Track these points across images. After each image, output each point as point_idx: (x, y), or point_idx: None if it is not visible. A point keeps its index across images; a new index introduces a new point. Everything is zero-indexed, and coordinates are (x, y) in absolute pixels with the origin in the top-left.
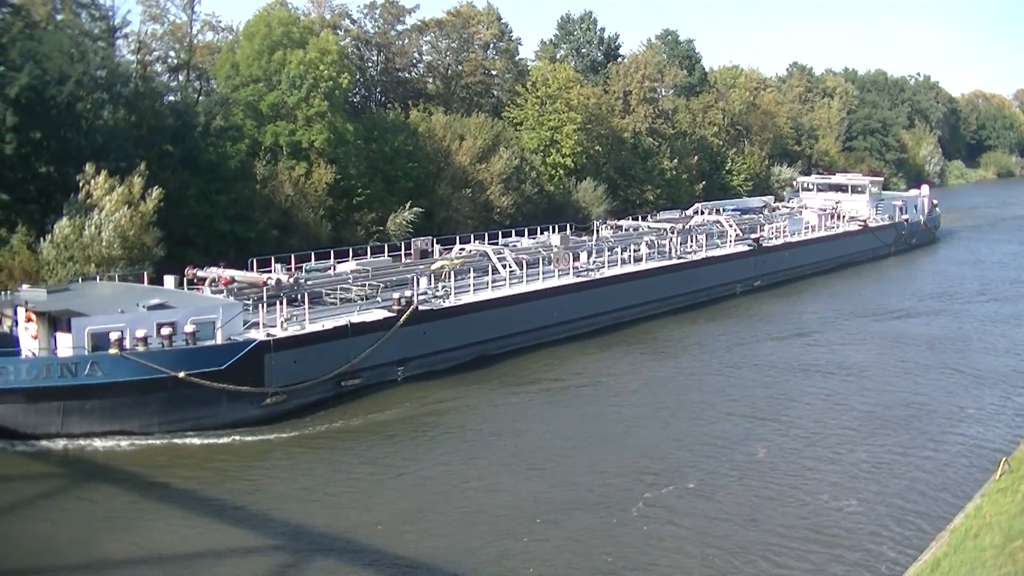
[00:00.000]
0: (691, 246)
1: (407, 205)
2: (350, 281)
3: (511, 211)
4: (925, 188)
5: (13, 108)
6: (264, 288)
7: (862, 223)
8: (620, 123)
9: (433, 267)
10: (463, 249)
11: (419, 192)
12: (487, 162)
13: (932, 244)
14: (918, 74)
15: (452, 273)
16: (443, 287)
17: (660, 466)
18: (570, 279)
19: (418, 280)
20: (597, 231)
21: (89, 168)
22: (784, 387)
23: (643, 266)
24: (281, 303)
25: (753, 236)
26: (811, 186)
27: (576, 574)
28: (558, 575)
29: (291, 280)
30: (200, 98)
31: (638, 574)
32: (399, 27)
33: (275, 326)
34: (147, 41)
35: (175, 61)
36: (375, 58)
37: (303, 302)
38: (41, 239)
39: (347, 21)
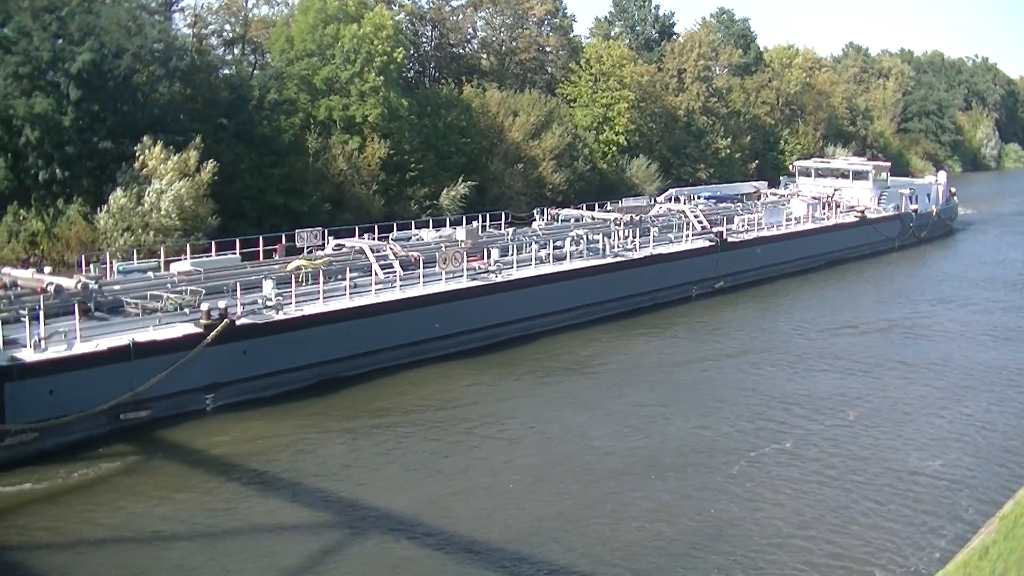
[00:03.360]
0: (632, 241)
1: (460, 180)
2: (169, 287)
3: (563, 188)
4: (942, 175)
5: (74, 82)
6: (42, 296)
7: (859, 214)
8: (674, 101)
9: (288, 268)
10: (340, 246)
11: (472, 168)
12: (540, 139)
13: (946, 237)
14: (976, 55)
15: (309, 275)
16: (277, 296)
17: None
18: (463, 283)
19: (262, 284)
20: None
21: (146, 140)
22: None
23: (565, 266)
24: (38, 317)
25: (716, 230)
26: (810, 171)
27: None
28: None
29: (78, 286)
30: (255, 72)
31: None
32: (453, 3)
33: (28, 346)
34: (203, 15)
35: (230, 35)
36: (429, 33)
37: (95, 312)
38: (97, 210)
39: None
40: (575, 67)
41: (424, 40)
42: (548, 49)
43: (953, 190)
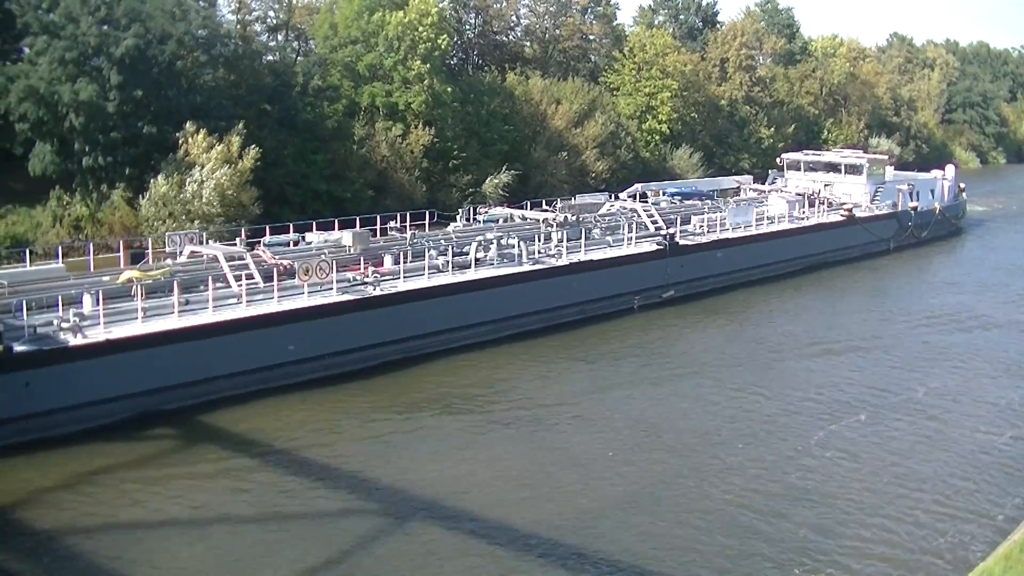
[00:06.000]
0: (556, 246)
1: (503, 168)
2: None
3: (606, 176)
4: (950, 169)
5: (117, 67)
6: None
7: (847, 212)
8: (717, 90)
9: (119, 280)
10: (195, 253)
11: (514, 155)
12: (583, 127)
13: (951, 238)
14: (1022, 46)
15: (144, 289)
16: (76, 315)
17: None
18: (332, 296)
19: (81, 300)
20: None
21: (189, 126)
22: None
23: (467, 276)
24: None
25: (666, 231)
26: (799, 164)
27: None
28: None
29: None
30: (298, 58)
31: None
32: None
33: None
34: (247, 1)
35: (274, 21)
36: (472, 21)
37: None
38: (141, 196)
39: None
40: (618, 56)
41: (468, 27)
42: (591, 37)
43: (962, 185)
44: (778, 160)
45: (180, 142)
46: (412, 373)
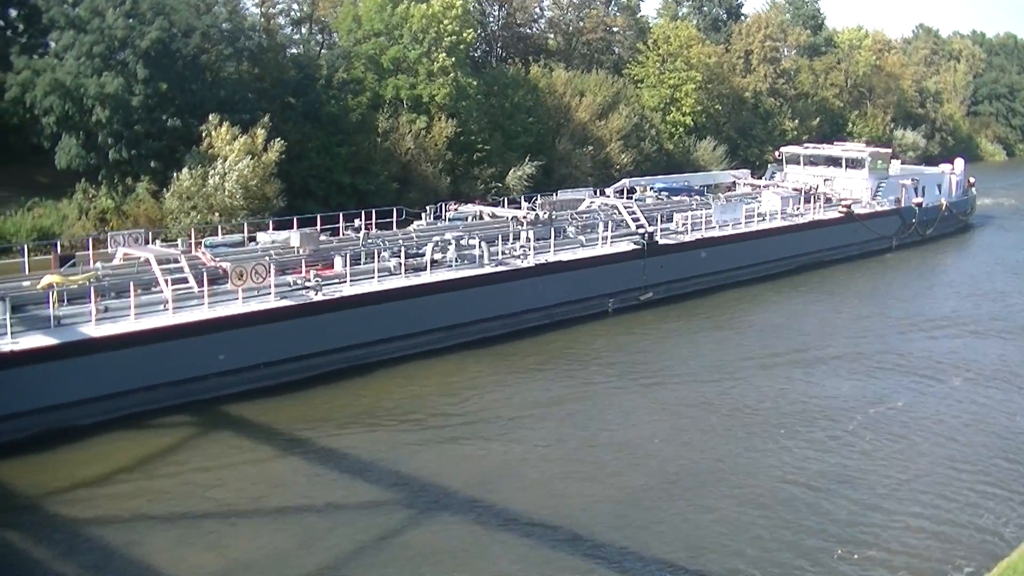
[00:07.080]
0: (521, 246)
1: (527, 160)
2: None
3: (630, 168)
4: (959, 163)
5: (143, 61)
6: None
7: (845, 208)
8: (741, 82)
9: (40, 285)
10: (128, 255)
11: (538, 148)
12: (607, 119)
13: (958, 235)
14: None
15: (65, 295)
16: None
17: None
18: (269, 302)
19: None
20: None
21: (212, 119)
22: None
23: (422, 279)
24: None
25: (644, 229)
26: (798, 158)
27: None
28: None
29: None
30: (322, 51)
31: None
32: None
33: None
34: None
35: (298, 14)
36: (496, 13)
37: None
38: (165, 189)
39: None
40: (642, 48)
41: (491, 20)
42: (615, 29)
43: (972, 180)
44: (776, 154)
45: (204, 135)
46: (353, 384)
